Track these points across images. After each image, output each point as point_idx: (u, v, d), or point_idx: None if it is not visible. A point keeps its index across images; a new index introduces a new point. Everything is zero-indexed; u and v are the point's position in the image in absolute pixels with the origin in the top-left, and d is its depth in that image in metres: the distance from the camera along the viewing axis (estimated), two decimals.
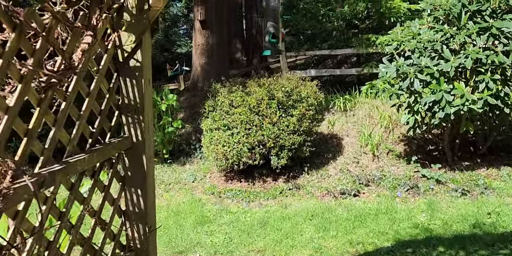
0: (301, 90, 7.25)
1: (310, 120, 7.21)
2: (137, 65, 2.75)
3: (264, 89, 7.11)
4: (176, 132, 9.30)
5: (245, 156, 7.01)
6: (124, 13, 2.68)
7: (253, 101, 6.99)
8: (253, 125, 6.99)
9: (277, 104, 7.03)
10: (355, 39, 10.48)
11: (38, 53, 2.07)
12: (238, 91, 7.25)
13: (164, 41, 29.49)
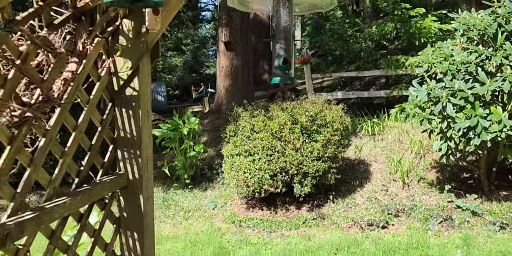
0: (326, 114, 6.91)
1: (336, 145, 6.85)
2: (134, 94, 2.48)
3: (287, 114, 6.80)
4: (198, 156, 9.04)
5: (266, 184, 6.67)
6: (119, 37, 2.43)
7: (275, 126, 6.69)
8: (275, 151, 6.67)
9: (300, 129, 6.71)
10: (383, 60, 10.12)
11: (10, 83, 1.82)
12: (260, 116, 6.96)
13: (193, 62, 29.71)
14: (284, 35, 2.13)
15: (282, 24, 2.13)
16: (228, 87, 10.96)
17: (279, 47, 2.14)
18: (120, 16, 2.39)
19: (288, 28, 2.13)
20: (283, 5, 2.12)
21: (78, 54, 2.04)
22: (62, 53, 2.03)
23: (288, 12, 2.13)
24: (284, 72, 2.14)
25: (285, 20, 2.13)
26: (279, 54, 2.14)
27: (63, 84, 1.98)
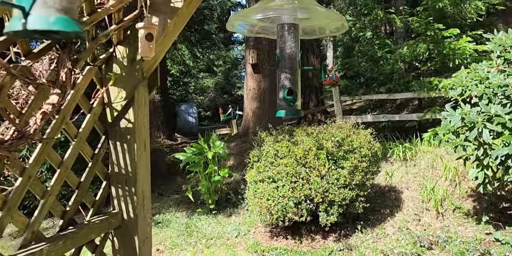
0: (353, 139, 6.60)
1: (364, 172, 6.51)
2: (129, 127, 2.28)
3: (312, 139, 6.53)
4: (222, 180, 8.83)
5: (290, 212, 6.37)
6: (113, 65, 2.25)
7: (299, 151, 6.41)
8: (300, 177, 6.38)
9: (326, 155, 6.41)
10: (415, 82, 9.74)
11: None
12: (284, 141, 6.71)
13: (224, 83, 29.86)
14: (289, 63, 1.90)
15: (287, 51, 1.90)
16: (255, 110, 10.78)
17: (283, 77, 1.91)
18: (114, 43, 2.22)
19: (293, 55, 1.90)
20: (288, 29, 1.90)
21: (61, 85, 1.85)
22: (43, 84, 1.85)
23: (294, 37, 1.90)
24: (289, 105, 1.90)
25: (290, 46, 1.90)
26: (283, 84, 1.91)
27: (41, 118, 1.79)
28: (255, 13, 1.85)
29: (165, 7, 2.15)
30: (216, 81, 29.22)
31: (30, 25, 0.67)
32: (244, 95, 11.62)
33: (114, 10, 2.03)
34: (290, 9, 1.79)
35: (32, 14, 0.67)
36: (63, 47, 1.90)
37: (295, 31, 1.91)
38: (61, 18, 0.69)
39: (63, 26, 0.69)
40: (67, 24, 0.69)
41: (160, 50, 2.25)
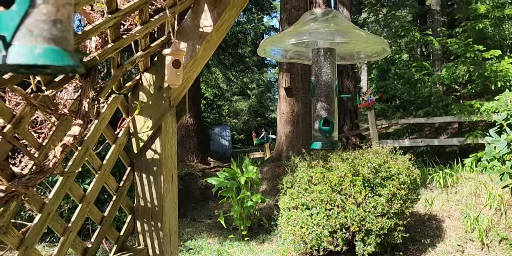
0: (391, 165, 6.33)
1: (402, 200, 6.21)
2: (156, 158, 2.16)
3: (348, 165, 6.30)
4: (255, 206, 8.63)
5: (325, 241, 6.11)
6: (140, 93, 2.15)
7: (334, 178, 6.19)
8: (335, 205, 6.14)
9: (362, 182, 6.16)
10: (455, 105, 9.40)
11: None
12: (318, 166, 6.50)
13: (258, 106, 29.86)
14: (325, 91, 1.76)
15: (322, 78, 1.76)
16: (288, 134, 10.61)
17: (319, 106, 1.76)
18: (140, 70, 2.12)
19: (330, 82, 1.76)
20: (324, 54, 1.76)
21: (83, 115, 1.75)
22: (65, 115, 1.75)
23: (330, 63, 1.76)
24: (325, 136, 1.74)
25: (326, 72, 1.76)
26: (319, 114, 1.76)
27: (61, 151, 1.68)
28: (288, 37, 1.72)
29: (193, 33, 2.05)
30: (249, 104, 29.27)
31: (10, 59, 0.55)
32: (277, 119, 11.49)
33: (140, 36, 1.94)
34: (326, 33, 1.66)
35: (14, 45, 0.55)
36: (86, 75, 1.81)
37: (331, 56, 1.76)
38: (49, 49, 0.57)
39: (51, 59, 0.57)
40: (57, 57, 0.57)
41: (189, 77, 2.14)
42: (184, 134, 12.24)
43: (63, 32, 0.58)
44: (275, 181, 9.93)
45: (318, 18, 1.72)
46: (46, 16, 0.57)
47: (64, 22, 0.58)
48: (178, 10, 1.99)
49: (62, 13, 0.58)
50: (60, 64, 0.57)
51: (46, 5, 0.56)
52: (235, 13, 2.05)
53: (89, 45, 1.82)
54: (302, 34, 1.67)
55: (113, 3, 1.69)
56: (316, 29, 1.64)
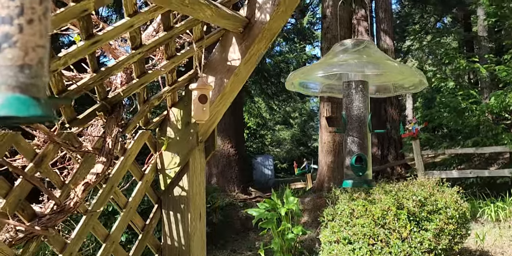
0: (438, 198, 6.03)
1: (451, 236, 5.87)
2: (183, 195, 2.09)
3: (391, 197, 6.05)
4: (296, 238, 8.40)
5: None
6: (167, 128, 2.11)
7: (377, 211, 5.94)
8: (378, 240, 5.87)
9: (407, 216, 5.88)
10: (506, 135, 8.96)
11: (15, 193, 1.52)
12: (360, 199, 6.27)
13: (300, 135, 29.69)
14: (357, 126, 1.65)
15: (354, 112, 1.66)
16: (330, 164, 10.40)
17: (350, 141, 1.66)
18: (168, 105, 2.08)
19: (362, 116, 1.65)
20: (356, 87, 1.66)
21: (107, 153, 1.71)
22: (88, 152, 1.72)
23: (362, 96, 1.66)
24: (357, 174, 1.63)
25: (358, 106, 1.66)
26: (350, 150, 1.65)
27: (83, 190, 1.64)
28: (316, 70, 1.64)
29: (221, 66, 2.00)
30: (292, 133, 29.16)
31: None
32: (318, 149, 11.32)
33: (166, 71, 1.90)
34: (356, 65, 1.56)
35: None
36: (111, 111, 1.78)
37: (363, 89, 1.67)
38: (13, 98, 0.51)
39: (15, 109, 0.50)
40: (22, 107, 0.51)
41: (217, 112, 2.08)
42: (226, 164, 12.22)
43: (32, 78, 0.52)
44: (317, 213, 9.68)
45: (348, 49, 1.63)
46: (12, 61, 0.51)
47: (33, 67, 0.52)
48: (205, 43, 1.95)
49: (32, 57, 0.52)
50: (25, 115, 0.51)
51: (11, 49, 0.51)
52: (263, 46, 2.00)
53: (114, 81, 1.80)
54: (331, 66, 1.59)
55: (137, 39, 1.66)
56: (345, 61, 1.55)
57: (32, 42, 0.52)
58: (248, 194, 12.69)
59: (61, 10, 1.35)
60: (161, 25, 1.73)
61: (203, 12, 1.69)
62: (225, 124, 12.25)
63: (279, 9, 1.93)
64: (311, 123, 31.04)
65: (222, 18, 1.81)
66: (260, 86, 21.35)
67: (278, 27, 2.00)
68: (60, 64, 1.46)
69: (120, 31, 1.55)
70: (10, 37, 0.51)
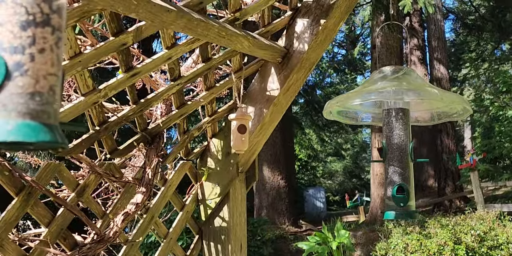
0: (498, 233, 5.70)
1: None
2: (224, 226, 2.08)
3: (448, 231, 5.77)
4: None
5: None
6: (208, 159, 2.12)
7: (433, 246, 5.67)
8: None
9: (465, 251, 5.57)
10: None
11: (57, 222, 1.56)
12: (415, 233, 6.03)
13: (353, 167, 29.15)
14: (398, 155, 1.60)
15: (394, 140, 1.61)
16: (383, 196, 10.09)
17: (392, 171, 1.60)
18: (208, 136, 2.10)
19: (403, 145, 1.60)
20: (396, 115, 1.62)
21: (146, 183, 1.73)
22: (129, 182, 1.74)
23: (403, 124, 1.61)
24: (399, 205, 1.56)
25: (399, 134, 1.61)
26: (392, 180, 1.60)
27: (122, 219, 1.65)
28: (353, 98, 1.61)
29: (260, 97, 2.01)
30: (344, 165, 28.69)
31: None
32: (370, 181, 11.04)
33: (206, 101, 1.93)
34: (395, 92, 1.53)
35: None
36: (151, 142, 1.81)
37: (404, 117, 1.62)
38: (23, 124, 0.52)
39: (24, 135, 0.52)
40: (31, 133, 0.52)
41: (257, 142, 2.08)
42: (276, 196, 12.12)
43: (43, 105, 0.54)
44: (370, 247, 9.34)
45: (387, 76, 1.60)
46: (23, 89, 0.53)
47: (44, 94, 0.54)
48: (244, 74, 1.97)
49: (43, 85, 0.54)
50: (34, 141, 0.52)
51: (23, 77, 0.53)
52: (302, 76, 1.99)
53: (154, 112, 1.84)
54: (369, 94, 1.56)
55: (176, 70, 1.70)
56: (384, 88, 1.51)
57: (43, 70, 0.54)
58: (299, 227, 12.46)
59: (101, 44, 1.40)
60: (199, 57, 1.77)
61: (240, 43, 1.72)
62: (275, 155, 12.22)
63: (317, 39, 1.93)
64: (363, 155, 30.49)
65: (260, 49, 1.83)
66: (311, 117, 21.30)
67: (317, 56, 2.00)
68: (101, 96, 1.51)
69: (159, 63, 1.59)
70: (21, 66, 0.53)
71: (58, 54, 0.56)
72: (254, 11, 1.82)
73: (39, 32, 0.54)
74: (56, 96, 0.56)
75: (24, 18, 0.54)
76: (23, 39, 0.53)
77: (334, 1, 1.90)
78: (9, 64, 0.53)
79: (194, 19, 1.50)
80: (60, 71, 0.57)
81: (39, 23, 0.55)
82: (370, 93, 1.55)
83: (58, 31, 0.56)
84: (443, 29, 16.49)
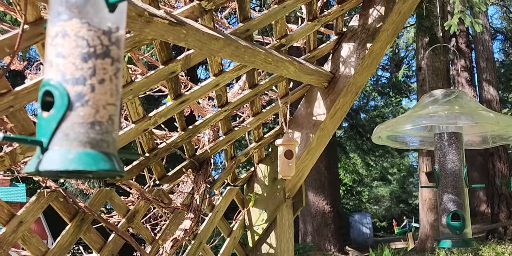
0: None
1: None
2: (271, 252, 2.05)
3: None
4: None
5: None
6: (255, 184, 2.11)
7: None
8: None
9: None
10: None
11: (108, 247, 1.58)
12: None
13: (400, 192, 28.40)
14: (451, 181, 1.54)
15: (448, 166, 1.56)
16: (432, 223, 9.77)
17: (446, 198, 1.55)
18: (255, 161, 2.10)
19: (457, 170, 1.54)
20: (448, 139, 1.57)
21: (195, 209, 1.74)
22: (177, 208, 1.76)
23: (456, 149, 1.56)
24: (454, 232, 1.50)
25: (452, 159, 1.55)
26: (446, 207, 1.54)
27: (171, 245, 1.66)
28: (404, 123, 1.58)
29: (307, 122, 2.00)
30: (391, 189, 27.99)
31: (43, 165, 0.52)
32: (419, 206, 10.71)
33: (252, 127, 1.94)
34: (447, 116, 1.48)
35: (49, 150, 0.53)
36: (199, 168, 1.83)
37: (457, 141, 1.57)
38: (84, 153, 0.54)
39: (84, 164, 0.53)
40: (91, 162, 0.53)
41: (304, 167, 2.06)
42: (321, 222, 11.92)
43: (102, 135, 0.55)
44: None
45: (438, 99, 1.56)
46: (84, 119, 0.54)
47: (104, 124, 0.55)
48: (290, 99, 1.98)
49: (102, 115, 0.55)
50: (94, 169, 0.53)
51: (84, 108, 0.54)
52: (349, 100, 1.97)
53: (202, 138, 1.86)
54: (420, 119, 1.52)
55: (223, 97, 1.72)
56: (435, 112, 1.48)
57: (103, 100, 0.55)
58: (345, 253, 12.17)
59: (151, 72, 1.44)
60: (246, 83, 1.79)
61: (286, 69, 1.72)
62: (320, 180, 12.09)
63: (364, 62, 1.92)
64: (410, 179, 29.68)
65: (306, 74, 1.83)
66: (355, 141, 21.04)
67: (363, 80, 1.98)
68: (151, 123, 1.54)
69: (206, 90, 1.62)
70: (82, 97, 0.55)
71: (117, 84, 0.58)
72: (299, 37, 1.84)
73: (99, 64, 0.56)
74: (115, 126, 0.58)
75: (85, 50, 0.56)
76: (84, 71, 0.55)
77: (381, 24, 1.89)
78: (71, 94, 0.55)
79: (241, 46, 1.52)
80: (119, 101, 0.58)
81: (100, 55, 0.57)
82: (421, 117, 1.52)
83: (117, 62, 0.58)
84: (491, 49, 16.08)
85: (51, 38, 0.57)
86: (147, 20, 1.23)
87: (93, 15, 0.56)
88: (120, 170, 0.55)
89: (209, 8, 1.45)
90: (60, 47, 0.55)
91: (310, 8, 1.79)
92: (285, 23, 1.75)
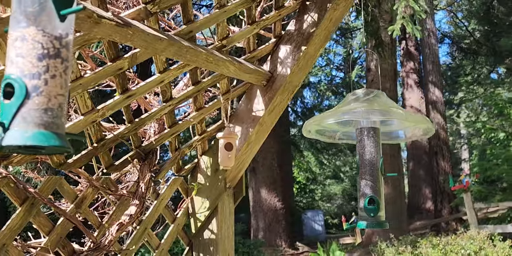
0: (488, 253, 5.80)
1: None
2: (212, 238, 2.22)
3: (439, 251, 5.87)
4: None
5: None
6: (198, 175, 2.28)
7: None
8: None
9: None
10: None
11: (57, 231, 1.70)
12: (407, 252, 6.12)
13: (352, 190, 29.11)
14: (369, 170, 1.76)
15: (366, 156, 1.77)
16: None
17: (364, 184, 1.76)
18: (199, 153, 2.26)
19: (374, 161, 1.76)
20: (367, 134, 1.78)
21: (140, 196, 1.88)
22: (123, 195, 1.90)
23: (374, 142, 1.77)
24: (370, 215, 1.72)
25: (370, 151, 1.77)
26: (364, 192, 1.75)
27: (117, 229, 1.80)
28: (328, 117, 1.78)
29: (247, 117, 2.18)
30: (343, 187, 28.67)
31: (5, 141, 0.67)
32: None
33: (196, 121, 2.10)
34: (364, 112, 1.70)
35: (11, 130, 0.68)
36: (144, 159, 1.97)
37: (375, 135, 1.78)
38: (38, 133, 0.69)
39: (39, 140, 0.69)
40: (44, 139, 0.69)
41: (243, 160, 2.24)
42: (273, 218, 12.17)
43: (53, 118, 0.70)
44: None
45: (359, 98, 1.77)
46: (38, 105, 0.70)
47: (55, 110, 0.71)
48: (231, 96, 2.15)
49: (54, 103, 0.71)
50: (46, 145, 0.68)
51: (39, 97, 0.70)
52: (286, 97, 2.17)
53: (148, 130, 2.01)
54: (342, 114, 1.73)
55: (168, 92, 1.88)
56: (355, 108, 1.69)
57: (54, 92, 0.71)
58: (295, 249, 12.48)
59: (100, 68, 1.58)
60: (190, 80, 1.95)
61: (226, 68, 1.89)
62: (272, 178, 12.33)
63: (299, 63, 2.11)
64: None
65: (246, 73, 2.01)
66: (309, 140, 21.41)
67: (299, 80, 2.18)
68: (99, 115, 1.68)
69: (152, 86, 1.77)
70: (38, 88, 0.70)
71: (66, 79, 0.73)
72: (240, 39, 2.01)
73: (51, 63, 0.72)
74: (64, 112, 0.73)
75: (40, 52, 0.71)
76: (39, 68, 0.71)
77: (314, 29, 2.09)
78: (29, 87, 0.70)
79: (183, 46, 1.68)
80: (67, 92, 0.74)
81: (52, 56, 0.72)
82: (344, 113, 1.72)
83: (66, 61, 0.74)
84: (437, 53, 16.80)
85: (12, 41, 0.72)
86: (96, 21, 1.37)
87: (47, 23, 0.72)
88: (67, 147, 0.71)
89: (154, 11, 1.60)
90: (19, 49, 0.70)
91: (250, 12, 1.97)
92: (226, 26, 1.92)
